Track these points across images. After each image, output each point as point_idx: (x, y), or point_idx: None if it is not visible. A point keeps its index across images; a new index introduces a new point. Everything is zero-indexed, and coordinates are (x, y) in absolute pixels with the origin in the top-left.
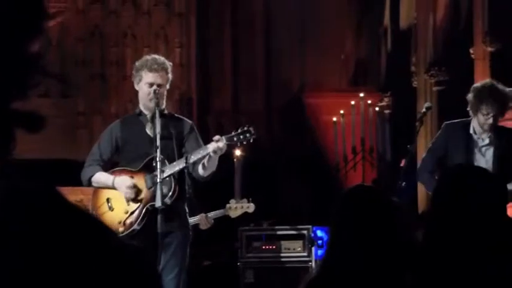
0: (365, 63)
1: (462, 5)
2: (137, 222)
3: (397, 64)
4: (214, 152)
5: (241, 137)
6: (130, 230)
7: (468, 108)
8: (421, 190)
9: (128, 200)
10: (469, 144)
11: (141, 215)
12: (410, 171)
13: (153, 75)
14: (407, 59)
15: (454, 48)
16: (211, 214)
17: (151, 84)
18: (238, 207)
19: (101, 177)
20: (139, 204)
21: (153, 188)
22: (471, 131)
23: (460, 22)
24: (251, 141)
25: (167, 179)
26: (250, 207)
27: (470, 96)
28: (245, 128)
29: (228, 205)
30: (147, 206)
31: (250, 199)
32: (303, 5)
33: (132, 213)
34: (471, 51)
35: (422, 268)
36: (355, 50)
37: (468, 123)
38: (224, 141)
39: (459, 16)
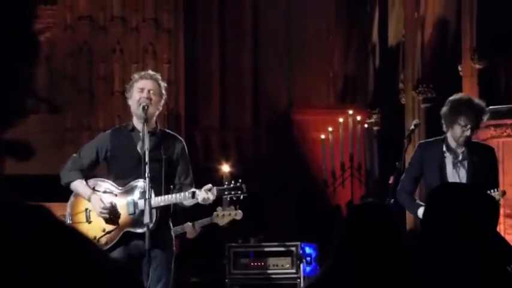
0: (353, 80)
1: (450, 23)
2: (111, 244)
3: (385, 81)
4: (203, 202)
5: (233, 192)
6: (104, 249)
7: (442, 122)
8: None
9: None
10: (443, 161)
11: (117, 238)
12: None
13: (144, 81)
14: (395, 76)
15: (442, 66)
16: (198, 222)
17: (142, 89)
18: (225, 215)
19: (79, 186)
20: (116, 226)
21: (133, 216)
22: (444, 149)
23: (448, 39)
24: (241, 198)
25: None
26: (238, 214)
27: (445, 109)
28: (237, 184)
29: (215, 213)
30: (124, 230)
31: (238, 206)
32: (291, 23)
33: (108, 233)
34: (459, 68)
35: (418, 283)
36: (343, 67)
37: (441, 141)
38: (215, 193)
39: (447, 33)
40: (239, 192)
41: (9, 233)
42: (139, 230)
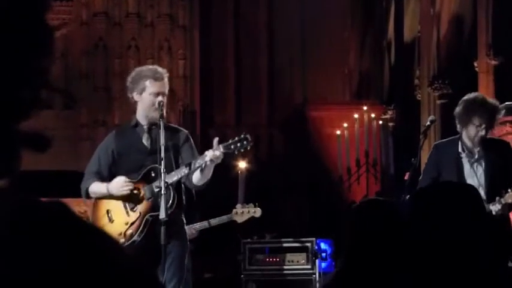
0: (368, 76)
1: (466, 19)
2: (137, 233)
3: (401, 77)
4: (211, 160)
5: (239, 144)
6: (131, 241)
7: (456, 122)
8: None
9: (127, 200)
10: (460, 161)
11: (141, 226)
12: (414, 185)
13: (159, 84)
14: (410, 72)
15: (458, 62)
16: (216, 220)
17: (157, 94)
18: (244, 212)
19: (95, 187)
20: (138, 215)
21: (151, 199)
22: (460, 149)
23: (463, 35)
24: (248, 148)
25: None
26: (257, 212)
27: (459, 109)
28: (242, 136)
29: (234, 210)
30: (147, 216)
31: (257, 204)
32: (306, 19)
33: (132, 224)
34: (475, 64)
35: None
36: (358, 63)
37: (457, 141)
38: (221, 149)
39: (463, 29)
40: (245, 142)
41: (21, 230)
42: (162, 215)
